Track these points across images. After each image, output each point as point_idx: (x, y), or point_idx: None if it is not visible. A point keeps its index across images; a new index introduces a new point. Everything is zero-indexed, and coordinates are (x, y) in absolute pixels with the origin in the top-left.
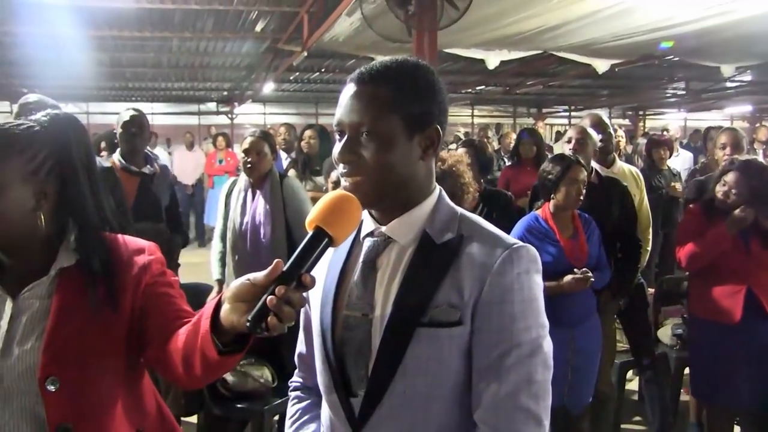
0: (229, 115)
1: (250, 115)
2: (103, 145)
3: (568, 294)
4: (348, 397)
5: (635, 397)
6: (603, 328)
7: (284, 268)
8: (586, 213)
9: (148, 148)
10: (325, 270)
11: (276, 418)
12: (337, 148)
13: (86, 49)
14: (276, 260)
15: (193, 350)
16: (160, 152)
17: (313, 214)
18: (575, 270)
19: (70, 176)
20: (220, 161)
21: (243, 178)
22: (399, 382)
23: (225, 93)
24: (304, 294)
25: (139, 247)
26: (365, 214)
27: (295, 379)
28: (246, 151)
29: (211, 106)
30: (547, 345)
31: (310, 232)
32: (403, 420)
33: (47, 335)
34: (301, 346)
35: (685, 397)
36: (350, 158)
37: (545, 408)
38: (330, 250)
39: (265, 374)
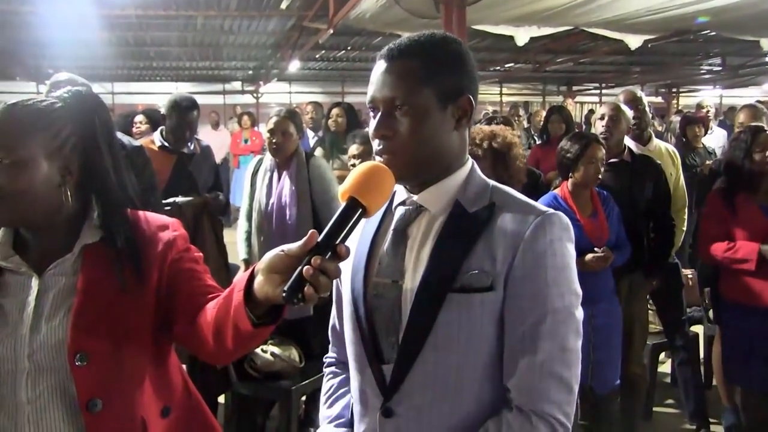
0: (255, 94)
1: (276, 94)
2: (141, 118)
3: (587, 272)
4: (379, 364)
5: (668, 380)
6: (636, 308)
7: (318, 239)
8: (618, 191)
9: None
10: (357, 239)
11: (303, 398)
12: (372, 124)
13: (111, 28)
14: (311, 231)
15: (225, 323)
16: None
17: (346, 185)
18: (596, 249)
19: (92, 153)
20: (246, 141)
21: (269, 158)
22: (430, 349)
23: (250, 72)
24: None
25: (163, 224)
26: (397, 185)
27: (330, 355)
28: (271, 132)
29: (237, 85)
30: (579, 313)
31: (344, 203)
32: (434, 387)
33: (75, 311)
34: (334, 321)
35: None
36: (386, 133)
37: (576, 375)
38: (362, 220)
39: (292, 355)
